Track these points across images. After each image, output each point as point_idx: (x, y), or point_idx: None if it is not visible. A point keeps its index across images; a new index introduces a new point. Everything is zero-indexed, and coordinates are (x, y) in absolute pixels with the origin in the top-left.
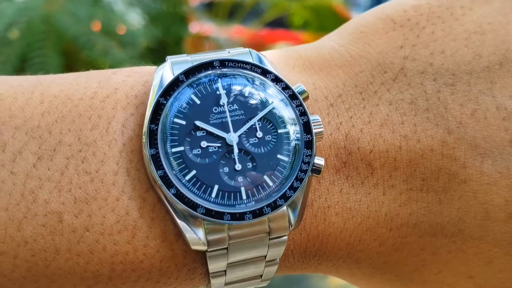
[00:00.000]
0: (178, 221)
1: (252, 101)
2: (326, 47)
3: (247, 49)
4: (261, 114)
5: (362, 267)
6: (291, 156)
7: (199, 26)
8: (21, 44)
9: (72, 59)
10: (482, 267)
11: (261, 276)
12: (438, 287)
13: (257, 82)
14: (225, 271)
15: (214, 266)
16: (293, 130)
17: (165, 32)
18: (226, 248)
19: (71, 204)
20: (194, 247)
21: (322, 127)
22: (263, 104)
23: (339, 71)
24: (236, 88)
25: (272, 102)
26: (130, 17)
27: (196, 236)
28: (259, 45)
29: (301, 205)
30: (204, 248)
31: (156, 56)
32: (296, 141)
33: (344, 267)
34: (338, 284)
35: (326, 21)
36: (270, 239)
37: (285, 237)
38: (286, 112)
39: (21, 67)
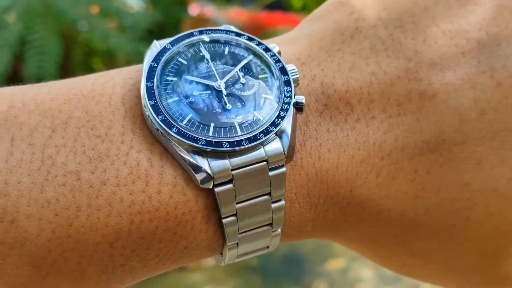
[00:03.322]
0: (184, 156)
1: (232, 56)
2: (292, 31)
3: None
4: (241, 64)
5: (367, 208)
6: (274, 94)
7: (199, 8)
8: (19, 27)
9: (71, 42)
10: (473, 171)
11: (271, 224)
12: (441, 210)
13: (233, 42)
14: (236, 215)
15: (224, 206)
16: (271, 75)
17: (164, 15)
18: (232, 183)
19: (86, 163)
20: (202, 185)
21: (297, 74)
22: (242, 57)
23: (304, 41)
24: (216, 47)
25: (250, 55)
26: (130, 0)
27: (201, 167)
28: (258, 28)
29: (291, 136)
30: (210, 183)
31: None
32: (276, 82)
33: (350, 213)
34: (336, 268)
35: None
36: (269, 169)
37: (284, 169)
38: (263, 62)
39: (20, 50)
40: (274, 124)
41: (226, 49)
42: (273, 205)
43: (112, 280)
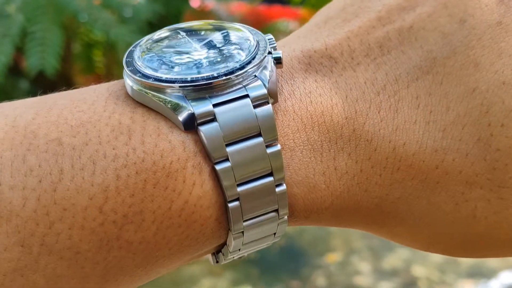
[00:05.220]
0: (165, 99)
1: (206, 32)
2: None
3: None
4: (217, 33)
5: (378, 147)
6: (252, 48)
7: (200, 0)
8: (20, 18)
9: (72, 33)
10: (475, 74)
11: (272, 174)
12: (459, 127)
13: (211, 27)
14: (228, 159)
15: (213, 149)
16: (249, 35)
17: (165, 7)
18: (216, 121)
19: (68, 130)
20: (186, 128)
21: (275, 44)
22: (218, 29)
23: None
24: (191, 26)
25: (225, 29)
26: None
27: (182, 105)
28: (258, 21)
29: (271, 77)
30: (194, 125)
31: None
32: (254, 41)
33: (362, 157)
34: (334, 261)
35: None
36: (254, 106)
37: (269, 105)
38: (240, 31)
39: (22, 42)
40: (250, 62)
41: (203, 32)
42: (269, 150)
43: (110, 263)
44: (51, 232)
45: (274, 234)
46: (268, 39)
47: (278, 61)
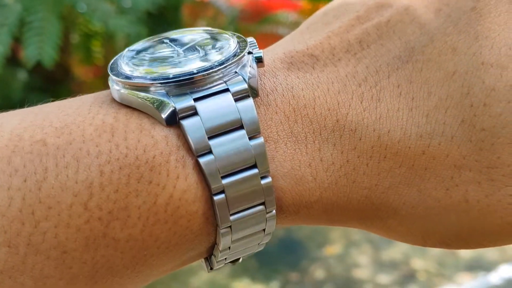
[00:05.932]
0: (145, 96)
1: (191, 38)
2: None
3: None
4: (202, 39)
5: (363, 137)
6: (232, 48)
7: None
8: (18, 8)
9: (70, 24)
10: (453, 58)
11: (256, 166)
12: (442, 111)
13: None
14: (211, 152)
15: (195, 141)
16: (231, 38)
17: None
18: (197, 115)
19: (53, 132)
20: (168, 123)
21: (257, 46)
22: (204, 36)
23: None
24: (175, 33)
25: (211, 35)
26: None
27: (163, 101)
28: (258, 13)
29: (251, 72)
30: (175, 119)
31: (154, 21)
32: (235, 43)
33: (348, 147)
34: (332, 253)
35: None
36: (235, 100)
37: (250, 99)
38: (225, 35)
39: (19, 32)
40: (229, 59)
41: (187, 39)
42: (252, 142)
43: (98, 262)
44: (37, 231)
45: (264, 230)
46: (250, 42)
47: (259, 60)
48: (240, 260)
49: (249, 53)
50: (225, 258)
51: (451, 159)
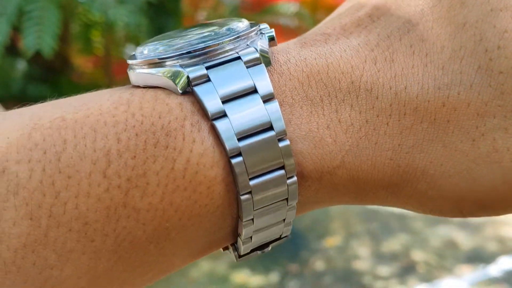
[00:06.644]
0: (160, 70)
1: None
2: None
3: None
4: (217, 27)
5: (380, 96)
6: (243, 25)
7: None
8: None
9: (69, 13)
10: (460, 14)
11: (272, 128)
12: (458, 60)
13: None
14: (226, 115)
15: (208, 101)
16: (244, 22)
17: None
18: (210, 81)
19: (72, 109)
20: (181, 90)
21: (272, 31)
22: (220, 24)
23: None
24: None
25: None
26: None
27: (178, 70)
28: (259, 3)
29: (262, 48)
30: (185, 76)
31: (154, 11)
32: (247, 24)
33: (366, 107)
34: (332, 244)
35: None
36: (247, 67)
37: (262, 64)
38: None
39: (18, 21)
40: (241, 32)
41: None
42: (266, 105)
43: (120, 235)
44: (58, 202)
45: (287, 200)
46: (262, 26)
47: (271, 39)
48: (270, 248)
49: (261, 33)
50: (251, 239)
51: (473, 107)
